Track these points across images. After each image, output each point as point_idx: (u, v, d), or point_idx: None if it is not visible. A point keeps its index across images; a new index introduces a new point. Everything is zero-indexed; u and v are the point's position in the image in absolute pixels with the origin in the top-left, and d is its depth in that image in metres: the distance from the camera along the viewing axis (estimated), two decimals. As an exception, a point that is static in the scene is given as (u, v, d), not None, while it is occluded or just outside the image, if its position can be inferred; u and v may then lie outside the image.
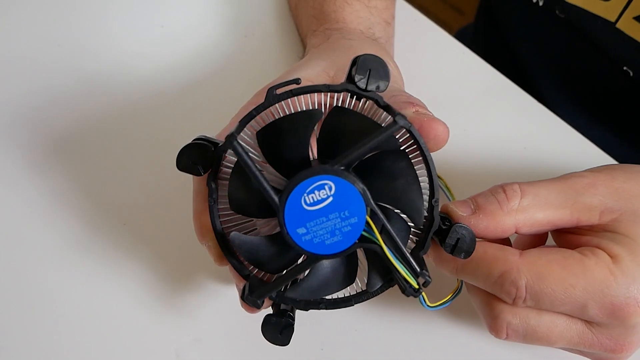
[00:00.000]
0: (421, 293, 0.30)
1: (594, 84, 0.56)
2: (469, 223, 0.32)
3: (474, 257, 0.31)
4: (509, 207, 0.32)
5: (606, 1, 0.48)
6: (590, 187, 0.33)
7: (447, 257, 0.32)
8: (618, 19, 0.48)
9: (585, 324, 0.32)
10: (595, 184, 0.33)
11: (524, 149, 0.46)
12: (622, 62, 0.51)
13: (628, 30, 0.48)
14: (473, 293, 0.34)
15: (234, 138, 0.29)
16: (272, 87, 0.30)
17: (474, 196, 0.33)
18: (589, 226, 0.33)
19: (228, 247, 0.32)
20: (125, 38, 0.51)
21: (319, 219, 0.29)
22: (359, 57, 0.30)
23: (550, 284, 0.30)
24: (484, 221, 0.32)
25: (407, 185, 0.30)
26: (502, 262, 0.31)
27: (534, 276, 0.30)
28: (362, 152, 0.28)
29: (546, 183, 0.33)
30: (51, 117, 0.47)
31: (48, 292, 0.42)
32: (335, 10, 0.45)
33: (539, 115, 0.48)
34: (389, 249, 0.29)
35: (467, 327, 0.40)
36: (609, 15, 0.49)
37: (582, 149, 0.46)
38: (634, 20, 0.47)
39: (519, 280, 0.30)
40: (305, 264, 0.30)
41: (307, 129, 0.29)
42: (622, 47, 0.49)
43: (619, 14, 0.48)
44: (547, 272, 0.30)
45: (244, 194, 0.31)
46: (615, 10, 0.48)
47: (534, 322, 0.32)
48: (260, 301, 0.31)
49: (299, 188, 0.28)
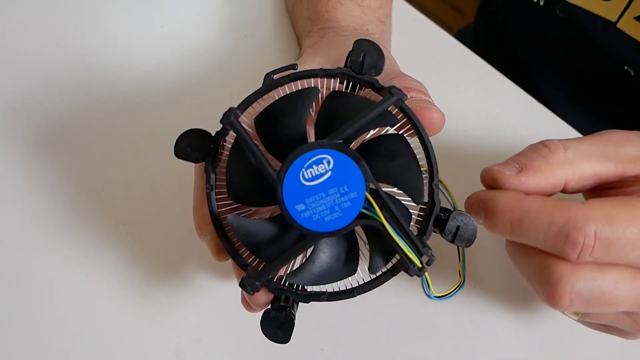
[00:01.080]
0: (425, 272, 0.29)
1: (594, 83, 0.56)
2: (520, 182, 0.30)
3: (532, 209, 0.29)
4: (555, 159, 0.31)
5: (607, 1, 0.48)
6: (625, 139, 0.32)
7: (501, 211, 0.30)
8: (619, 19, 0.48)
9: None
10: (629, 137, 0.32)
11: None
12: (622, 62, 0.51)
13: (629, 30, 0.48)
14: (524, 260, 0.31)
15: (231, 112, 0.29)
16: (270, 73, 0.30)
17: (512, 157, 0.32)
18: (634, 177, 0.31)
19: (226, 235, 0.32)
20: (125, 37, 0.51)
21: (318, 194, 0.28)
22: (353, 43, 0.30)
23: (621, 225, 0.28)
24: (535, 178, 0.30)
25: (406, 164, 0.29)
26: (566, 209, 0.29)
27: (603, 220, 0.28)
28: (359, 126, 0.28)
29: (583, 139, 0.32)
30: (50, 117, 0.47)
31: (47, 292, 0.42)
32: (329, 10, 0.45)
33: (539, 115, 0.48)
34: (391, 225, 0.29)
35: (467, 328, 0.40)
36: (610, 15, 0.49)
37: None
38: (634, 20, 0.47)
39: (587, 226, 0.28)
40: (304, 243, 0.29)
41: (304, 108, 0.29)
42: (623, 47, 0.49)
43: (619, 14, 0.48)
44: (617, 215, 0.28)
45: (243, 179, 0.31)
46: (616, 10, 0.48)
47: (600, 282, 0.29)
48: (259, 284, 0.30)
49: (297, 163, 0.28)
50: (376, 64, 0.30)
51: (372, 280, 0.32)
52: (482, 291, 0.41)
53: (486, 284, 0.41)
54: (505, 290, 0.41)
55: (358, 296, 0.31)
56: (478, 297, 0.41)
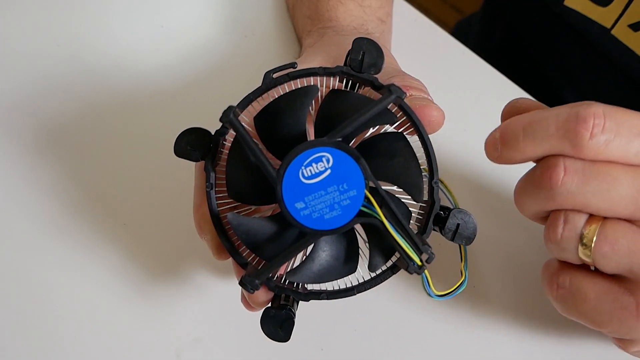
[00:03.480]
0: (425, 270, 0.29)
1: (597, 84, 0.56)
2: None
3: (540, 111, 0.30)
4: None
5: (603, 7, 0.48)
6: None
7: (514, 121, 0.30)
8: (613, 25, 0.48)
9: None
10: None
11: (524, 148, 0.46)
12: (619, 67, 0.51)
13: (622, 38, 0.48)
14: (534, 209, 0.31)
15: (231, 111, 0.29)
16: (269, 71, 0.30)
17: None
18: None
19: (226, 233, 0.32)
20: (125, 37, 0.51)
21: (318, 192, 0.28)
22: (353, 42, 0.30)
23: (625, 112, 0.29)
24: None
25: (406, 162, 0.29)
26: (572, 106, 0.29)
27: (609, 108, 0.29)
28: (358, 124, 0.28)
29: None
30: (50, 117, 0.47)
31: (47, 292, 0.41)
32: (329, 10, 0.46)
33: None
34: (390, 223, 0.29)
35: (467, 328, 0.40)
36: (605, 22, 0.49)
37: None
38: (628, 28, 0.47)
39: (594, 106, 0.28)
40: (304, 241, 0.29)
41: (303, 106, 0.29)
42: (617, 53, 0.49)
43: (614, 20, 0.48)
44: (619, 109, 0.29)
45: (242, 177, 0.31)
46: (611, 16, 0.48)
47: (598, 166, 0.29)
48: (258, 282, 0.30)
49: (297, 161, 0.28)
50: (375, 62, 0.30)
51: (372, 278, 0.31)
52: (483, 291, 0.41)
53: (487, 284, 0.41)
54: (506, 290, 0.41)
55: (358, 295, 0.31)
56: (478, 297, 0.41)
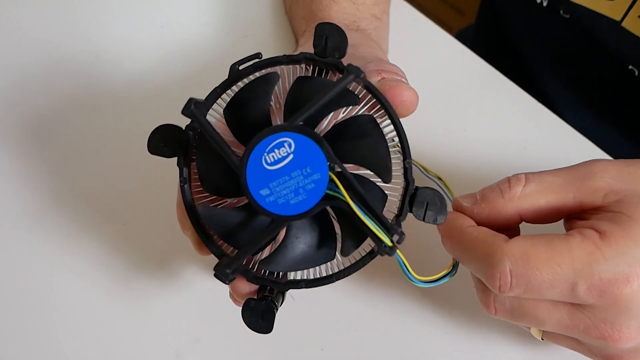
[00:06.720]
0: (396, 251, 0.29)
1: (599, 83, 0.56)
2: (472, 213, 0.32)
3: (466, 239, 0.31)
4: (510, 194, 0.32)
5: (611, 0, 0.48)
6: (601, 170, 0.32)
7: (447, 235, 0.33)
8: (623, 17, 0.48)
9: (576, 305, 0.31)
10: (607, 168, 0.32)
11: (524, 149, 0.46)
12: (627, 61, 0.51)
13: (633, 29, 0.48)
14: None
15: (191, 102, 0.29)
16: (235, 63, 0.30)
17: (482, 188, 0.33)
18: (593, 209, 0.31)
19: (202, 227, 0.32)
20: (125, 37, 0.51)
21: (282, 177, 0.28)
22: (315, 28, 0.30)
23: (535, 264, 0.29)
24: (486, 210, 0.32)
25: (373, 143, 0.29)
26: (489, 245, 0.31)
27: (519, 257, 0.29)
28: (319, 107, 0.28)
29: (557, 170, 0.33)
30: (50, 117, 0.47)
31: (45, 294, 0.42)
32: (322, 9, 0.46)
33: (539, 115, 0.48)
34: (357, 205, 0.28)
35: (468, 329, 0.40)
36: (614, 14, 0.48)
37: (582, 148, 0.46)
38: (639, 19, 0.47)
39: (501, 263, 0.29)
40: (272, 228, 0.29)
41: (266, 94, 0.29)
42: (628, 46, 0.49)
43: (624, 12, 0.48)
44: (533, 253, 0.29)
45: (213, 170, 0.31)
46: (620, 9, 0.48)
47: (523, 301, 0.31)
48: (231, 272, 0.30)
49: (259, 148, 0.28)
50: (339, 46, 0.30)
51: (350, 265, 0.31)
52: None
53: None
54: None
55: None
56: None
